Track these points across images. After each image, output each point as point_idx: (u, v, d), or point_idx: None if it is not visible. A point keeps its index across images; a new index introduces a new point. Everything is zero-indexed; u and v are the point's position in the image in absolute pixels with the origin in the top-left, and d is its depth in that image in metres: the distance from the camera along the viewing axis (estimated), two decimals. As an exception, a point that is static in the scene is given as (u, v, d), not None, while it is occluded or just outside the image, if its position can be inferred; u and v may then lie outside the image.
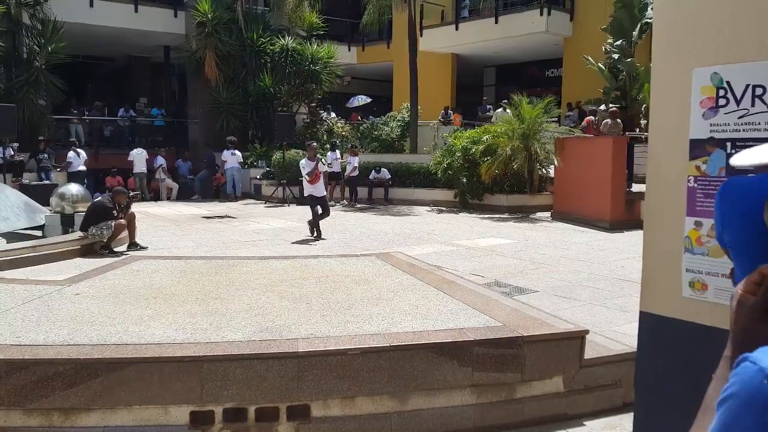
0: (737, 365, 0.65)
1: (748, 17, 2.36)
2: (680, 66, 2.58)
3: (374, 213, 12.70)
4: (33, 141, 14.52)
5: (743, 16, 2.38)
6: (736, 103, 2.42)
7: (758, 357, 0.64)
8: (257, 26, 18.16)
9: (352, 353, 3.41)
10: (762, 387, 0.61)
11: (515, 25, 18.78)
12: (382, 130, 17.87)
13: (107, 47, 20.83)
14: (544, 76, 22.10)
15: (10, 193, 9.25)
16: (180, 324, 3.83)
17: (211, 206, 14.03)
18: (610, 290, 5.86)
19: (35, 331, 3.65)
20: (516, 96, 13.07)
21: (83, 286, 4.89)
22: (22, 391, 3.17)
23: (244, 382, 3.29)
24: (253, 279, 5.25)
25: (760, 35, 2.33)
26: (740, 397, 0.63)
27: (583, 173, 11.00)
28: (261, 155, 17.06)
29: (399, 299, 4.48)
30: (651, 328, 2.77)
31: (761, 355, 0.64)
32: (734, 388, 0.64)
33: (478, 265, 7.05)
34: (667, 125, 2.69)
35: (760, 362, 0.63)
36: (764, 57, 2.31)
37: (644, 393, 2.86)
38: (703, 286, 2.57)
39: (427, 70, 18.77)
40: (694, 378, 1.89)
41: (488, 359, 3.57)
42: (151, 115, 20.50)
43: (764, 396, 0.60)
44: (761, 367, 0.62)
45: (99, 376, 3.21)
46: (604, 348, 4.02)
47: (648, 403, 2.83)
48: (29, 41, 15.76)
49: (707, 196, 2.55)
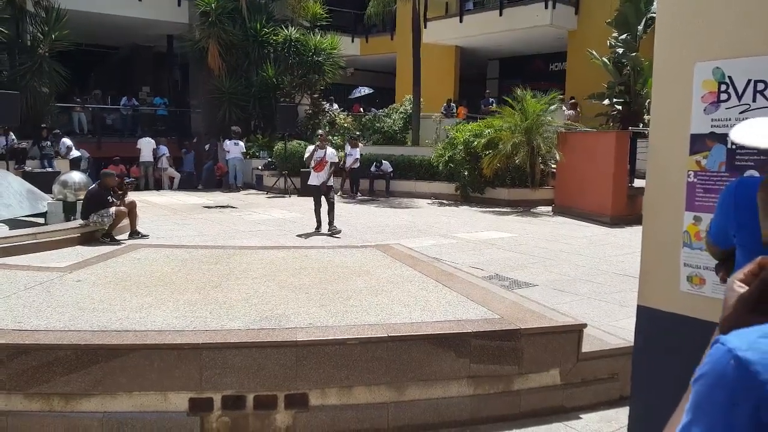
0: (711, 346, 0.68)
1: (751, 12, 2.36)
2: (682, 60, 2.58)
3: (375, 205, 12.71)
4: (36, 128, 14.52)
5: (746, 11, 2.37)
6: (738, 98, 2.42)
7: (728, 339, 0.67)
8: (261, 16, 18.10)
9: (351, 343, 3.43)
10: (728, 366, 0.64)
11: (520, 18, 18.69)
12: (385, 122, 17.85)
13: (111, 36, 20.79)
14: (548, 70, 22.02)
15: (13, 180, 9.28)
16: (180, 312, 3.85)
17: (213, 196, 14.05)
18: (610, 285, 5.87)
19: (37, 316, 3.67)
20: (519, 90, 13.03)
21: (85, 273, 4.92)
22: (23, 376, 3.20)
23: (242, 370, 3.31)
24: (254, 269, 5.27)
25: (763, 30, 2.32)
26: (710, 376, 0.66)
27: (585, 168, 10.99)
28: (263, 146, 17.06)
29: (398, 290, 4.50)
30: (648, 322, 2.79)
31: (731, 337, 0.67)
32: (705, 368, 0.67)
33: (478, 258, 7.07)
34: (668, 119, 2.69)
35: (728, 343, 0.66)
36: (767, 52, 2.31)
37: (640, 386, 2.87)
38: (701, 280, 2.58)
39: (430, 63, 18.71)
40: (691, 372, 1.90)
41: (486, 351, 3.59)
42: (154, 105, 20.49)
43: (731, 375, 0.63)
44: (729, 348, 0.65)
45: (99, 362, 3.23)
46: (601, 342, 4.04)
47: (644, 396, 2.85)
48: (33, 28, 15.73)
49: (707, 191, 2.55)
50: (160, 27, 19.42)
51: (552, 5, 18.02)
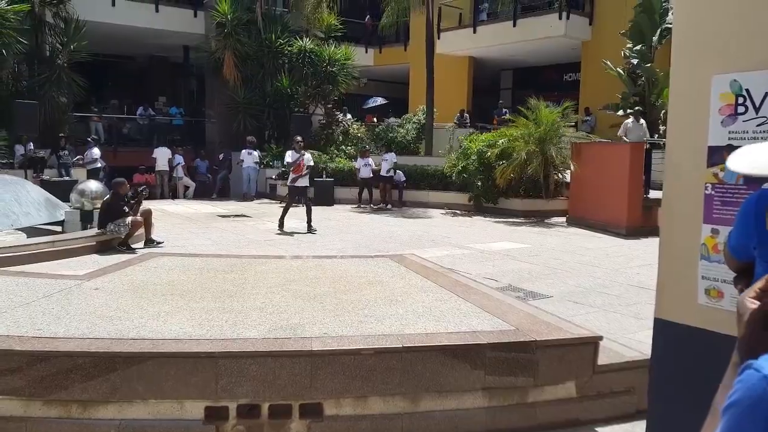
0: (741, 372, 0.66)
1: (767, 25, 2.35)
2: (699, 73, 2.58)
3: (388, 215, 12.72)
4: (54, 138, 14.74)
5: (763, 24, 2.37)
6: (755, 111, 2.42)
7: (762, 364, 0.64)
8: (276, 27, 18.28)
9: (365, 353, 3.43)
10: (765, 394, 0.61)
11: (533, 29, 18.69)
12: (398, 132, 17.90)
13: (128, 46, 21.09)
14: (561, 80, 21.96)
15: (31, 188, 9.42)
16: (196, 320, 3.88)
17: (227, 205, 14.15)
18: (625, 297, 5.82)
19: (55, 324, 3.72)
20: (533, 100, 13.02)
21: (102, 281, 4.98)
22: (42, 383, 3.24)
23: (258, 379, 3.33)
24: (268, 278, 5.30)
25: (781, 43, 2.32)
26: (744, 404, 0.63)
27: (600, 179, 10.93)
28: (277, 155, 17.17)
29: (412, 301, 4.50)
30: (665, 336, 2.76)
31: (765, 363, 0.64)
32: (738, 395, 0.64)
33: (492, 268, 7.05)
34: (685, 132, 2.68)
35: (763, 369, 0.63)
36: (785, 65, 2.30)
37: (658, 401, 2.85)
38: (719, 293, 2.56)
39: (443, 73, 18.75)
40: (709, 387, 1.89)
41: (501, 363, 3.58)
42: (170, 114, 20.73)
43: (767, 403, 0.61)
44: (765, 375, 0.63)
45: (117, 369, 3.27)
46: (617, 354, 4.01)
47: (661, 411, 2.82)
48: (52, 39, 16.01)
49: (725, 203, 2.54)
50: (176, 38, 19.68)
51: (566, 16, 18.00)
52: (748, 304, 0.79)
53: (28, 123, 11.84)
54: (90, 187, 8.89)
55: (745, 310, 0.79)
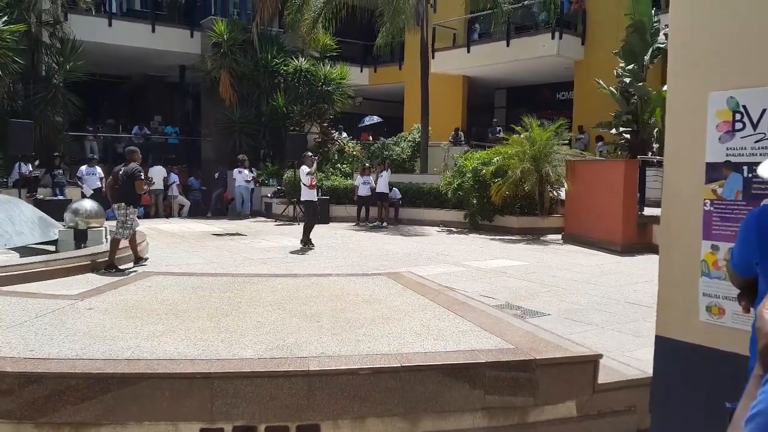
0: (766, 383, 0.65)
1: (763, 42, 2.37)
2: (695, 90, 2.59)
3: (384, 232, 12.70)
4: (49, 157, 14.72)
5: (759, 41, 2.39)
6: (753, 128, 2.42)
7: None
8: (272, 47, 18.43)
9: (363, 373, 3.39)
10: None
11: (526, 49, 18.89)
12: (393, 150, 17.97)
13: (124, 66, 21.18)
14: (555, 99, 22.15)
15: (25, 208, 9.36)
16: (191, 340, 3.83)
17: (222, 224, 14.11)
18: (623, 314, 5.80)
19: (48, 344, 3.66)
20: (527, 118, 13.11)
21: (96, 301, 4.92)
22: (34, 405, 3.18)
23: (254, 400, 3.28)
24: (264, 296, 5.25)
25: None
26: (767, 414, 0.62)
27: (595, 196, 10.97)
28: (272, 174, 17.19)
29: (410, 319, 4.46)
30: (667, 353, 2.74)
31: None
32: (762, 406, 0.64)
33: (489, 286, 7.02)
34: (682, 148, 2.69)
35: None
36: (781, 82, 2.31)
37: (660, 419, 2.81)
38: (720, 310, 2.54)
39: (438, 92, 18.90)
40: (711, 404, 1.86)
41: (500, 382, 3.54)
42: (165, 133, 20.75)
43: None
44: None
45: (111, 390, 3.21)
46: (617, 373, 3.97)
47: (664, 429, 2.79)
48: (48, 59, 16.06)
49: (724, 219, 2.54)
50: (172, 57, 19.79)
51: (559, 36, 18.23)
52: (767, 315, 0.79)
53: (23, 142, 11.79)
54: (84, 206, 8.83)
55: (764, 322, 0.78)
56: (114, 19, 18.22)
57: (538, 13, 20.20)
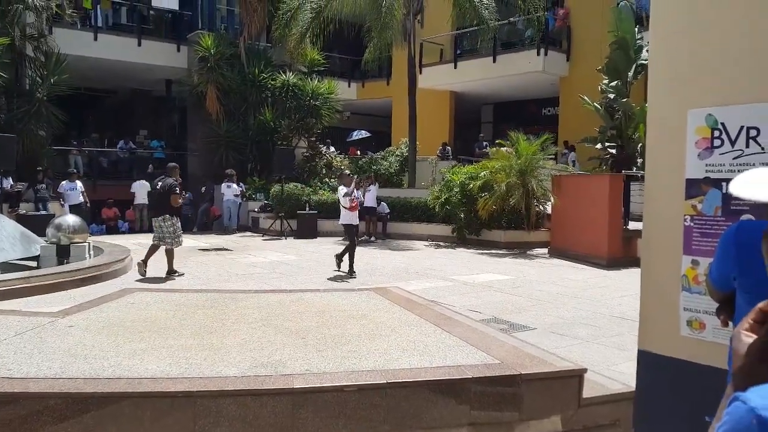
0: (730, 404, 0.66)
1: (742, 61, 2.42)
2: (675, 107, 2.63)
3: (372, 247, 12.68)
4: (32, 171, 14.56)
5: (737, 59, 2.43)
6: (731, 144, 2.46)
7: (748, 396, 0.64)
8: (259, 62, 18.45)
9: (349, 390, 3.36)
10: (751, 427, 0.61)
11: (513, 65, 19.12)
12: (381, 164, 18.01)
13: (110, 80, 21.09)
14: (541, 114, 22.39)
15: (7, 223, 9.23)
16: (174, 358, 3.78)
17: (208, 239, 14.00)
18: (608, 328, 5.82)
19: (27, 363, 3.59)
20: (513, 133, 13.22)
21: (77, 318, 4.85)
22: (10, 426, 3.11)
23: (238, 419, 3.23)
24: (249, 313, 5.21)
25: (754, 78, 2.38)
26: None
27: (580, 210, 11.06)
28: (260, 188, 17.13)
29: (396, 335, 4.44)
30: (649, 367, 2.75)
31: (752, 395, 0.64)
32: (725, 427, 0.64)
33: (476, 301, 7.02)
34: (663, 165, 2.72)
35: (749, 402, 0.63)
36: (758, 100, 2.36)
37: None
38: (701, 325, 2.56)
39: (425, 107, 19.02)
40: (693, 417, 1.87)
41: (486, 397, 3.53)
42: (151, 147, 20.63)
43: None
44: (751, 407, 0.63)
45: (90, 410, 3.15)
46: (602, 387, 3.98)
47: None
48: (32, 73, 15.94)
49: (704, 234, 2.57)
50: (159, 72, 19.74)
51: (544, 52, 18.48)
52: (744, 337, 0.79)
53: (5, 157, 11.66)
54: (67, 222, 8.74)
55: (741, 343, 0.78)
56: (100, 33, 18.14)
57: (524, 30, 20.46)
